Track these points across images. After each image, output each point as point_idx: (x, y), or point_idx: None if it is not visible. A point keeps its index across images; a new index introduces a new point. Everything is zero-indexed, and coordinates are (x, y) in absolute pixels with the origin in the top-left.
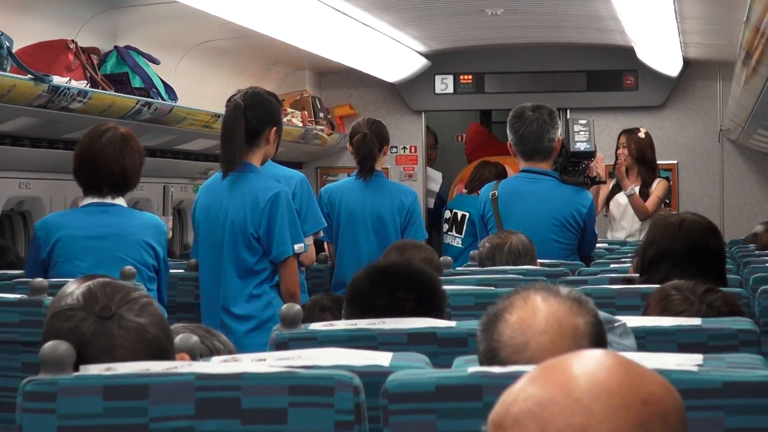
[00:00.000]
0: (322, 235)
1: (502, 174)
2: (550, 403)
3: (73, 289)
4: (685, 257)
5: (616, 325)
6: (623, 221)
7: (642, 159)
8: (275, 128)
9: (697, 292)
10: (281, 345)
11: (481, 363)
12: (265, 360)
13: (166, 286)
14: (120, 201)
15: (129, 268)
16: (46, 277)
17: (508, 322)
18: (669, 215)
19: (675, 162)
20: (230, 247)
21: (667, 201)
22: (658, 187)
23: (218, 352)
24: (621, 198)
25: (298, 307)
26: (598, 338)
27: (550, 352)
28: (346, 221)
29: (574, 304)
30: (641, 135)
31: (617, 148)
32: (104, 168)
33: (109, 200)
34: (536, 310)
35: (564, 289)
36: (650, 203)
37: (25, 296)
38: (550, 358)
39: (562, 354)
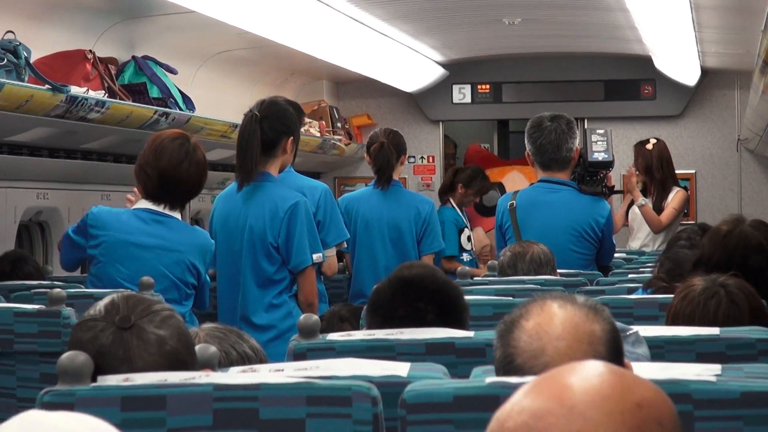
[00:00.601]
0: (345, 246)
1: (474, 174)
2: (545, 414)
3: (101, 301)
4: (719, 269)
5: (628, 333)
6: (639, 232)
7: (648, 171)
8: (291, 138)
9: (715, 280)
10: (299, 355)
11: (497, 370)
12: (282, 370)
13: (206, 296)
14: (176, 213)
15: (147, 279)
16: (83, 264)
17: (525, 328)
18: (727, 221)
19: (693, 171)
20: (249, 256)
21: (686, 211)
22: (674, 198)
23: (249, 360)
24: (637, 209)
25: (316, 317)
26: (614, 345)
27: (567, 357)
28: (363, 231)
29: (590, 311)
30: (648, 147)
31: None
32: (186, 183)
33: (166, 210)
34: (553, 316)
35: (580, 297)
36: (665, 215)
37: (43, 307)
38: (566, 363)
39: (579, 360)
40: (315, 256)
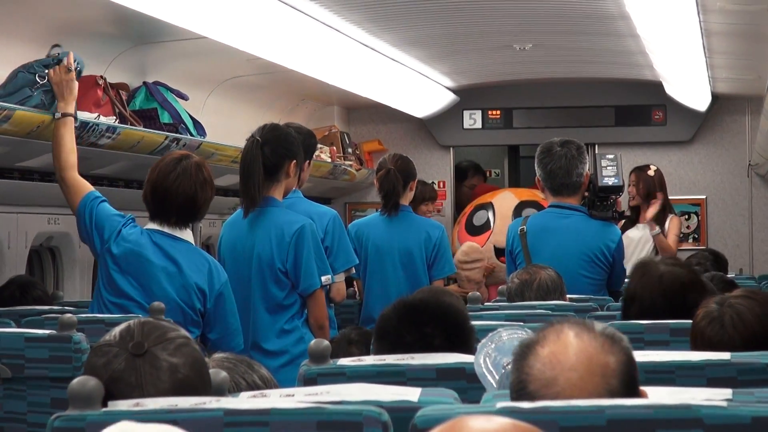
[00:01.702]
0: (354, 272)
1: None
2: None
3: (117, 327)
4: (663, 313)
5: None
6: (633, 257)
7: (649, 197)
8: (294, 161)
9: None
10: (310, 380)
11: (511, 393)
12: (293, 395)
13: (237, 341)
14: (187, 234)
15: (157, 304)
16: (100, 258)
17: (539, 355)
18: (649, 263)
19: (703, 197)
20: (258, 283)
21: (696, 236)
22: (674, 225)
23: (258, 389)
24: (632, 233)
25: (326, 342)
26: (628, 377)
27: (578, 388)
28: (374, 256)
29: (607, 342)
30: (650, 173)
31: (628, 185)
32: (177, 196)
33: (177, 232)
34: (567, 345)
35: (599, 325)
36: (673, 243)
37: (54, 332)
38: (578, 394)
39: (591, 391)
40: (324, 278)
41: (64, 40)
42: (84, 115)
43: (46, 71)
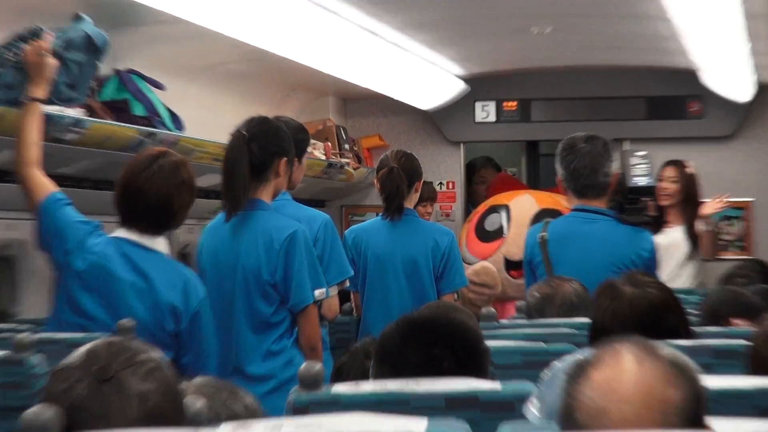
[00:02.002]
0: (348, 284)
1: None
2: None
3: (81, 348)
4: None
5: None
6: (662, 267)
7: (691, 197)
8: (285, 159)
9: None
10: (300, 409)
11: (559, 417)
12: (282, 427)
13: (211, 365)
14: (160, 243)
15: (125, 321)
16: (60, 270)
17: (592, 380)
18: (616, 287)
19: (750, 200)
20: (243, 297)
21: (741, 244)
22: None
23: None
24: (658, 239)
25: (319, 365)
26: (693, 416)
27: (632, 424)
28: (374, 267)
29: (672, 372)
30: (692, 170)
31: (660, 180)
32: (148, 197)
33: (147, 240)
34: (624, 372)
35: (666, 350)
36: None
37: (8, 353)
38: (632, 431)
39: (646, 428)
40: (317, 292)
41: (27, 23)
42: (47, 108)
43: (24, 47)
